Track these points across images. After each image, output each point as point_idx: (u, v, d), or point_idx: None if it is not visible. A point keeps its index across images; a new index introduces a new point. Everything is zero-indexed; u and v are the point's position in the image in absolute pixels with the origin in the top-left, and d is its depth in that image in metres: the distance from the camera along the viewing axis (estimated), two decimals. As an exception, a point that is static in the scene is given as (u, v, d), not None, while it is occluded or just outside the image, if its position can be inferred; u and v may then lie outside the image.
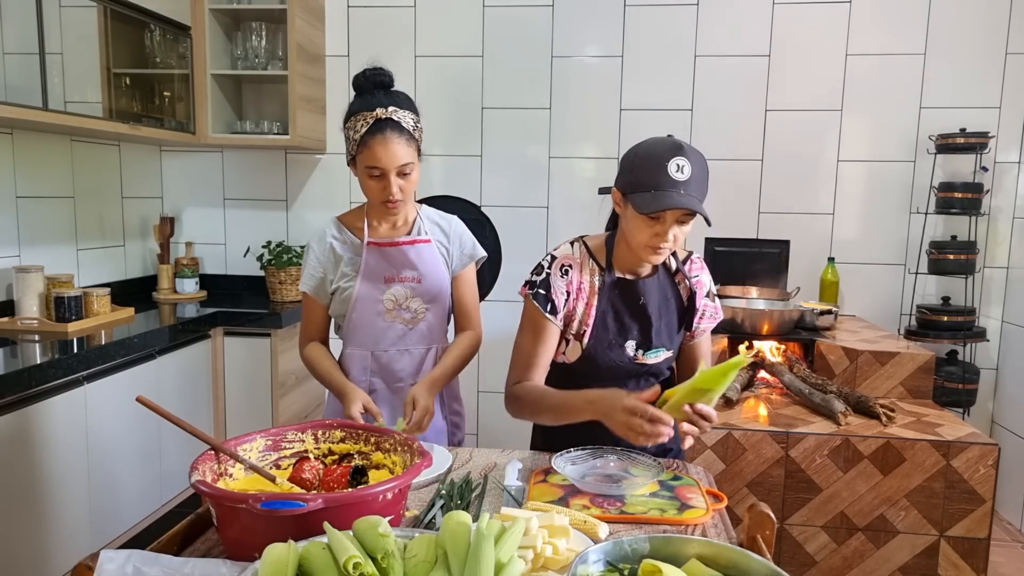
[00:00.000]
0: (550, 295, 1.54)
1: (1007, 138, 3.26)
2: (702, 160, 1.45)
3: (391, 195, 1.65)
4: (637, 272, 1.58)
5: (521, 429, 1.77)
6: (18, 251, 2.71)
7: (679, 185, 1.39)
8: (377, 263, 1.76)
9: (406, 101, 1.68)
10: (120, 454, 2.42)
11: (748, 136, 3.38)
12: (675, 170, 1.39)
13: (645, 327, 1.56)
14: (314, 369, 1.80)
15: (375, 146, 1.61)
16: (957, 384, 3.15)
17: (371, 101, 1.64)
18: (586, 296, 1.56)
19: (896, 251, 3.38)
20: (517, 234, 3.49)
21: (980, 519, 2.29)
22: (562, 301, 1.55)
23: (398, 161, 1.62)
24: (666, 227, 1.42)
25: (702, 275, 1.63)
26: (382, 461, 1.29)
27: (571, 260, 1.57)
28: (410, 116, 1.66)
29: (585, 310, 1.56)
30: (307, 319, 1.84)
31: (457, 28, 3.44)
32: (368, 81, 1.67)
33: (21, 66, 2.35)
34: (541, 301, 1.55)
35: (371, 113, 1.62)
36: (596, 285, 1.56)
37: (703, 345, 1.66)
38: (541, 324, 1.56)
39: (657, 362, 1.58)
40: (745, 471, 2.37)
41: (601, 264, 1.57)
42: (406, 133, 1.63)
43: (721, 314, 1.66)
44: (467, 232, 1.87)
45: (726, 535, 1.24)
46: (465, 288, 1.85)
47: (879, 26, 3.26)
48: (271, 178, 3.62)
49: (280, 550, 0.90)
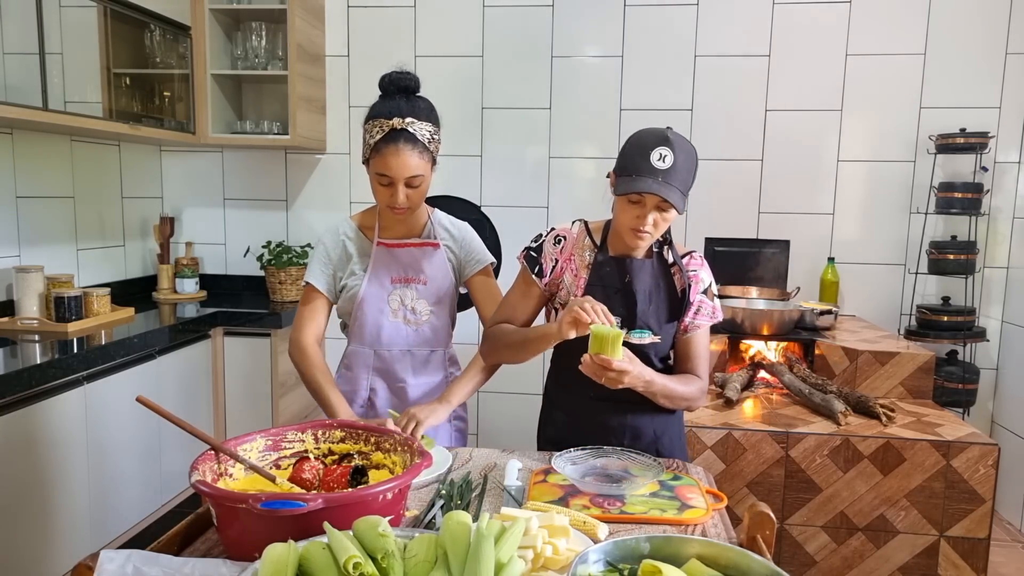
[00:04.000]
0: (539, 259, 1.64)
1: (1007, 138, 3.26)
2: (690, 153, 1.48)
3: (397, 203, 1.67)
4: (630, 255, 1.61)
5: (521, 429, 1.77)
6: (18, 251, 2.71)
7: (658, 173, 1.44)
8: (385, 263, 1.77)
9: (426, 111, 1.68)
10: (120, 454, 2.42)
11: (748, 136, 3.38)
12: (657, 158, 1.45)
13: (630, 305, 1.58)
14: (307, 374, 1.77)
15: (387, 155, 1.62)
16: (957, 384, 3.15)
17: (391, 107, 1.64)
18: (575, 268, 1.63)
19: (896, 251, 3.38)
20: (517, 234, 3.48)
21: (980, 519, 2.29)
22: (549, 267, 1.64)
23: (407, 172, 1.63)
24: (646, 211, 1.48)
25: (700, 271, 1.63)
26: (382, 461, 1.29)
27: (567, 232, 1.66)
28: (427, 127, 1.66)
29: (574, 281, 1.63)
30: (307, 313, 1.81)
31: (457, 28, 3.44)
32: (392, 84, 1.68)
33: (21, 66, 2.35)
34: (530, 263, 1.65)
35: (388, 121, 1.63)
36: (588, 261, 1.63)
37: (698, 341, 1.64)
38: (526, 283, 1.66)
39: (642, 343, 1.58)
40: (745, 471, 2.37)
41: (596, 243, 1.64)
42: (420, 145, 1.63)
43: (720, 315, 1.66)
44: (476, 239, 1.88)
45: (726, 535, 1.24)
46: (480, 292, 1.85)
47: (879, 26, 3.26)
48: (271, 178, 3.62)
49: (280, 550, 0.90)
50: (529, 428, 1.79)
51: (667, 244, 1.63)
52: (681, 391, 1.57)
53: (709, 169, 3.41)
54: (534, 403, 1.83)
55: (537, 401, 1.82)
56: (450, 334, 1.89)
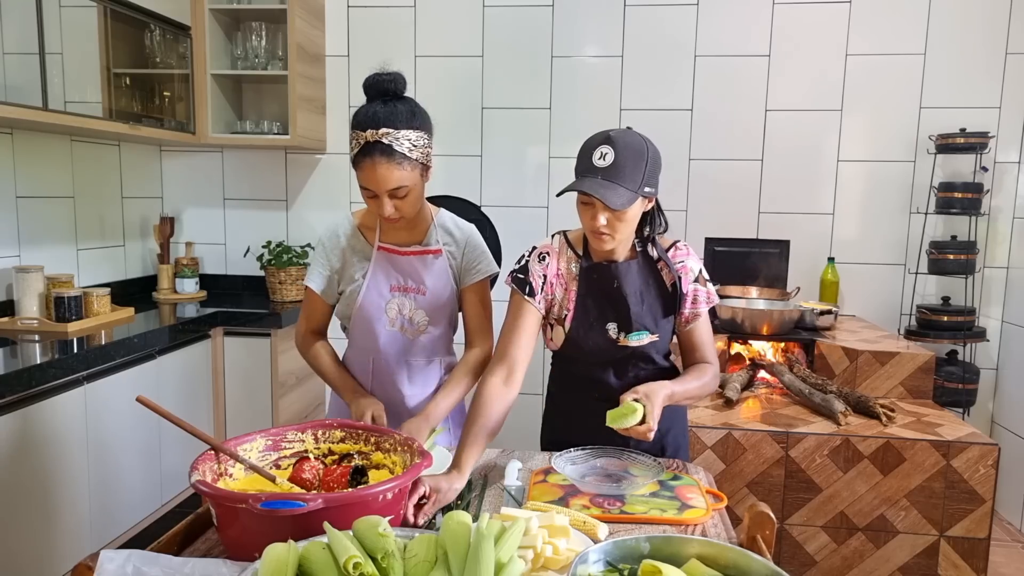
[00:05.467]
0: (527, 279, 1.62)
1: (1007, 138, 3.26)
2: (635, 148, 1.46)
3: (385, 215, 1.60)
4: (613, 259, 1.60)
5: (521, 429, 1.77)
6: (18, 251, 2.71)
7: (598, 172, 1.46)
8: (385, 270, 1.73)
9: (406, 117, 1.55)
10: (120, 454, 2.42)
11: (748, 136, 3.38)
12: (598, 157, 1.47)
13: (623, 309, 1.58)
14: (321, 369, 1.78)
15: (365, 169, 1.54)
16: (957, 384, 3.15)
17: (367, 117, 1.55)
18: (564, 281, 1.63)
19: (896, 251, 3.38)
20: (517, 234, 3.47)
21: (980, 519, 2.29)
22: (539, 284, 1.61)
23: (387, 186, 1.54)
24: (596, 211, 1.48)
25: (687, 261, 1.62)
26: (382, 461, 1.29)
27: (548, 248, 1.65)
28: (409, 135, 1.54)
29: (565, 294, 1.62)
30: (308, 314, 1.81)
31: (457, 28, 3.44)
32: (372, 89, 1.58)
33: (21, 66, 2.35)
34: (520, 284, 1.62)
35: (363, 133, 1.53)
36: (574, 271, 1.62)
37: (700, 330, 1.64)
38: (520, 306, 1.62)
39: (640, 344, 1.58)
40: (745, 471, 2.37)
41: (578, 252, 1.63)
42: (398, 156, 1.52)
43: (716, 298, 1.65)
44: (481, 246, 1.79)
45: (726, 535, 1.24)
46: (469, 304, 1.78)
47: (879, 26, 3.26)
48: (271, 178, 3.62)
49: (280, 550, 0.90)
50: (529, 428, 1.79)
51: (650, 241, 1.60)
52: (698, 385, 1.59)
53: (709, 169, 3.42)
54: (534, 403, 1.83)
55: (537, 401, 1.83)
56: (451, 341, 1.84)
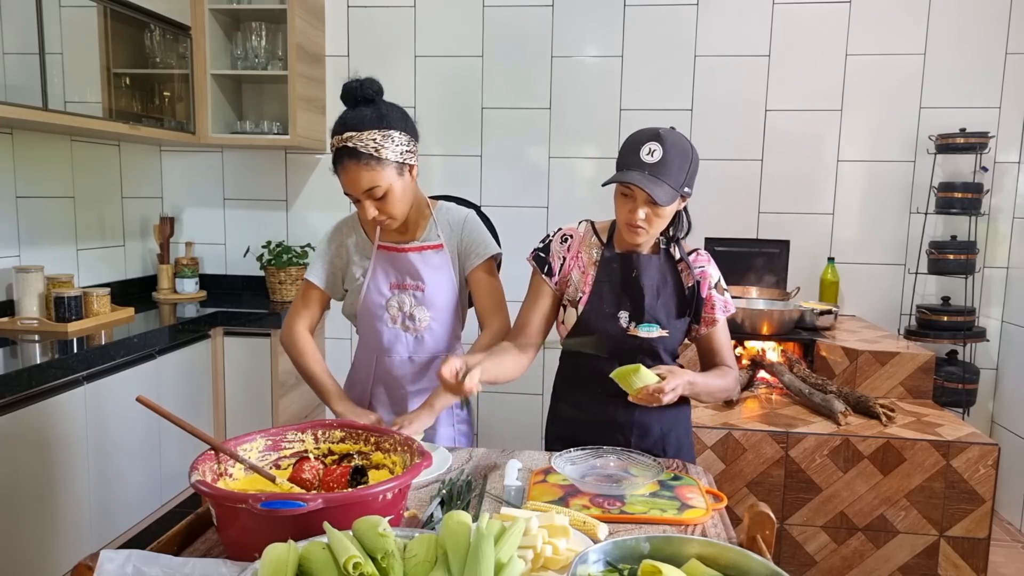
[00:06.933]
0: (547, 258, 1.67)
1: (1007, 138, 3.26)
2: (684, 150, 1.50)
3: (370, 217, 1.62)
4: (636, 251, 1.63)
5: (521, 429, 1.77)
6: (18, 251, 2.71)
7: (645, 167, 1.47)
8: (384, 269, 1.75)
9: (372, 119, 1.57)
10: (120, 454, 2.42)
11: (748, 136, 3.38)
12: (646, 152, 1.48)
13: (637, 299, 1.60)
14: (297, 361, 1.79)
15: (339, 174, 1.61)
16: (957, 384, 3.14)
17: (336, 124, 1.60)
18: (583, 265, 1.66)
19: (896, 251, 3.38)
20: (517, 234, 3.48)
21: (980, 519, 2.29)
22: (558, 265, 1.66)
23: (360, 187, 1.58)
24: (636, 205, 1.49)
25: (708, 267, 1.66)
26: (382, 461, 1.29)
27: (573, 232, 1.69)
28: (373, 136, 1.56)
29: (582, 277, 1.65)
30: (300, 304, 1.82)
31: (457, 28, 3.44)
32: (344, 96, 1.62)
33: (21, 66, 2.35)
34: (539, 263, 1.68)
35: (333, 141, 1.60)
36: (595, 257, 1.66)
37: (719, 335, 1.67)
38: (537, 284, 1.68)
39: (650, 337, 1.60)
40: (745, 471, 2.37)
41: (602, 240, 1.67)
42: (364, 157, 1.55)
43: (732, 307, 1.68)
44: (479, 228, 1.80)
45: (726, 535, 1.24)
46: (477, 287, 1.78)
47: (879, 26, 3.26)
48: (271, 178, 3.62)
49: (280, 550, 0.90)
50: (529, 428, 1.79)
51: (674, 241, 1.64)
52: (720, 384, 1.62)
53: (709, 169, 3.41)
54: (534, 403, 1.83)
55: (537, 401, 1.83)
56: (456, 337, 1.85)
